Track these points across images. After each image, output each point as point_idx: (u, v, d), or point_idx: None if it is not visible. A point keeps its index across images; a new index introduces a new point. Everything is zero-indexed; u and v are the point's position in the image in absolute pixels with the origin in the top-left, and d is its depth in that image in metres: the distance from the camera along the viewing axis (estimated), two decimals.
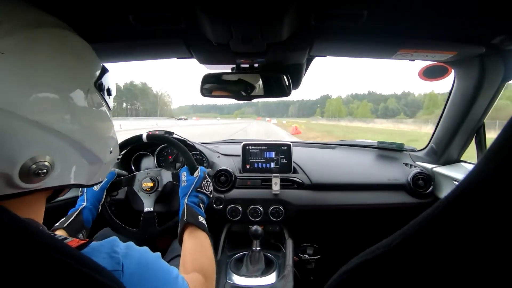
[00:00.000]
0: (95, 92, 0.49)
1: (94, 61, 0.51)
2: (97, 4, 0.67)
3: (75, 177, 0.46)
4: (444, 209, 0.23)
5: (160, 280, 0.45)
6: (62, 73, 0.42)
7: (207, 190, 0.92)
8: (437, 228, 0.23)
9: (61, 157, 0.42)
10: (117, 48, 0.92)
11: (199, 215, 0.83)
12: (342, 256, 0.72)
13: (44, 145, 0.39)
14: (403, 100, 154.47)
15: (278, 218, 1.29)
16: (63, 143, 0.42)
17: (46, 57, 0.40)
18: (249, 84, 1.09)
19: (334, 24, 0.77)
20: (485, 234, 0.20)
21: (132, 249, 0.43)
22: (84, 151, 0.46)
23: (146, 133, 1.10)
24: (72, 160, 0.45)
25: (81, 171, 0.47)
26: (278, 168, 1.39)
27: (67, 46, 0.45)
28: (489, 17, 0.74)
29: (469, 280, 0.21)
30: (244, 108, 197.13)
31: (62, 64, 0.42)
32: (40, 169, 0.38)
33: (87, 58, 0.49)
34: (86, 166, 0.48)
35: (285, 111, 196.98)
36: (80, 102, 0.44)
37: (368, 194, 1.33)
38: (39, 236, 0.30)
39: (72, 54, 0.45)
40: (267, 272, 1.10)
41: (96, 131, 0.49)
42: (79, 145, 0.45)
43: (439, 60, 1.04)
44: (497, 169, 0.20)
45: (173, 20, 0.73)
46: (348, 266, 0.29)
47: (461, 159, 1.31)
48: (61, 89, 0.41)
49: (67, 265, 0.30)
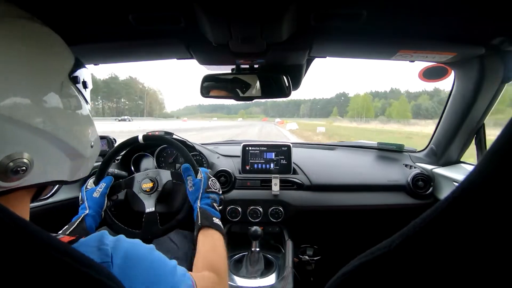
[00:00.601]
0: (70, 85, 0.47)
1: (66, 53, 0.49)
2: (96, 4, 0.67)
3: (57, 174, 0.46)
4: (444, 210, 0.22)
5: (153, 271, 0.44)
6: (31, 65, 0.40)
7: (215, 188, 0.91)
8: (437, 229, 0.23)
9: (40, 153, 0.41)
10: (117, 48, 0.92)
11: (214, 217, 0.82)
12: (342, 257, 0.72)
13: (21, 142, 0.38)
14: (436, 98, 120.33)
15: (278, 219, 1.29)
16: (41, 139, 0.41)
17: (12, 49, 0.38)
18: (248, 84, 1.09)
19: (333, 24, 0.77)
20: (486, 235, 0.20)
21: (121, 241, 0.43)
22: (64, 147, 0.45)
23: (142, 134, 1.09)
24: (52, 156, 0.44)
25: (62, 167, 0.47)
26: (278, 169, 1.39)
27: (34, 37, 0.43)
28: (488, 18, 0.74)
29: (470, 281, 0.21)
30: (252, 108, 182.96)
31: (31, 56, 0.41)
32: (19, 167, 0.38)
33: (58, 50, 0.47)
34: (68, 161, 0.47)
35: (296, 111, 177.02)
36: (54, 96, 0.43)
37: (368, 195, 1.32)
38: (37, 233, 0.30)
39: (41, 45, 0.44)
40: (266, 273, 1.09)
41: (75, 126, 0.48)
42: (58, 141, 0.44)
43: (439, 61, 1.04)
44: (497, 170, 0.20)
45: (173, 20, 0.73)
46: (348, 267, 0.29)
47: (461, 160, 1.31)
48: (32, 82, 0.40)
49: (65, 264, 0.30)
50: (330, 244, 1.53)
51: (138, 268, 0.42)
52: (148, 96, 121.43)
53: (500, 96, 1.04)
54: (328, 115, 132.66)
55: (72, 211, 1.21)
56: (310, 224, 1.44)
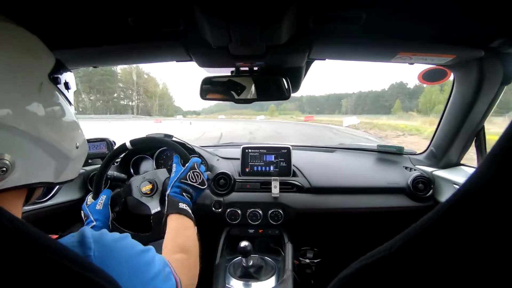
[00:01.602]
0: (50, 85, 0.47)
1: (45, 54, 0.48)
2: (96, 7, 0.67)
3: (41, 175, 0.45)
4: (446, 212, 0.22)
5: (132, 263, 0.44)
6: (7, 65, 0.40)
7: (193, 181, 0.90)
8: (439, 231, 0.23)
9: (22, 155, 0.40)
10: (116, 51, 0.92)
11: (180, 202, 0.82)
12: (342, 260, 0.72)
13: (1, 143, 0.38)
14: None
15: (278, 222, 1.29)
16: (21, 140, 0.40)
17: None
18: (248, 87, 1.09)
19: (333, 27, 0.77)
20: (488, 238, 0.20)
21: (103, 234, 0.43)
22: (46, 147, 0.44)
23: (130, 140, 1.08)
24: (34, 157, 0.43)
25: (46, 168, 0.46)
26: (278, 171, 1.38)
27: (9, 38, 0.42)
28: (487, 20, 0.74)
29: (471, 284, 0.21)
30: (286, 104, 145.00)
31: (9, 56, 0.41)
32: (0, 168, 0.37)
33: (36, 50, 0.47)
34: (52, 162, 0.46)
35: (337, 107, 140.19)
36: (33, 96, 0.43)
37: (368, 198, 1.32)
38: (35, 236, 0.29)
39: (17, 45, 0.43)
40: (266, 274, 1.09)
41: (58, 126, 0.47)
42: (39, 141, 0.43)
43: (438, 64, 1.04)
44: (498, 172, 0.19)
45: (172, 23, 0.73)
46: (349, 270, 0.29)
47: (461, 163, 1.31)
48: (9, 82, 0.39)
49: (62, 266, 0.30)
50: (330, 247, 1.53)
51: (118, 259, 0.43)
52: (141, 88, 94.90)
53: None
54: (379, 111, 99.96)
55: (71, 213, 1.21)
56: (310, 227, 1.44)
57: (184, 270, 0.61)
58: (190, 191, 0.88)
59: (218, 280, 1.07)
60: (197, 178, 0.91)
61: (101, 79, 77.43)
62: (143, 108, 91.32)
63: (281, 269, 1.12)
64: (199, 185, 0.91)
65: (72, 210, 1.30)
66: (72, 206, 1.25)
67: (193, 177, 0.90)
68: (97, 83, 76.57)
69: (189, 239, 0.74)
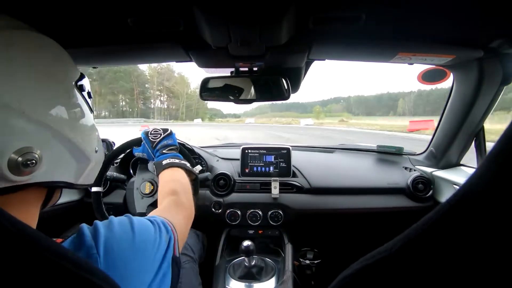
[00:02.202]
0: (76, 91, 0.51)
1: (72, 63, 0.53)
2: (96, 8, 0.67)
3: (64, 174, 0.47)
4: (446, 212, 0.22)
5: (137, 244, 0.44)
6: (45, 70, 0.44)
7: (156, 136, 0.94)
8: (439, 232, 0.22)
9: (49, 150, 0.42)
10: (116, 51, 0.92)
11: (163, 160, 0.85)
12: (342, 260, 0.71)
13: (32, 137, 0.40)
14: None
15: (278, 222, 1.29)
16: (51, 137, 0.43)
17: (28, 55, 0.42)
18: (248, 87, 1.09)
19: (332, 27, 0.77)
20: (488, 238, 0.20)
21: (98, 229, 0.43)
22: (71, 147, 0.47)
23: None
24: (60, 155, 0.46)
25: (69, 168, 0.48)
26: (278, 172, 1.38)
27: (45, 46, 0.47)
28: (487, 21, 0.74)
29: (472, 284, 0.21)
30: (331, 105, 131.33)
31: (44, 62, 0.45)
32: (29, 160, 0.39)
33: (65, 59, 0.51)
34: (74, 163, 0.49)
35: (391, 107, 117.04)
36: (64, 98, 0.46)
37: (367, 198, 1.32)
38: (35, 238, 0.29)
39: (51, 54, 0.48)
40: (266, 276, 1.09)
41: (81, 129, 0.50)
42: (67, 141, 0.46)
43: (437, 64, 1.04)
44: (499, 172, 0.19)
45: (172, 23, 0.73)
46: (349, 271, 0.29)
47: (460, 163, 1.31)
48: (46, 84, 0.43)
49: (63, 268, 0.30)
50: (331, 247, 1.52)
51: (120, 252, 0.42)
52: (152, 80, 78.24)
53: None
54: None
55: (70, 214, 1.21)
56: (310, 228, 1.43)
57: (177, 209, 0.66)
58: (164, 142, 0.92)
59: (218, 281, 1.07)
60: (156, 132, 0.95)
61: (114, 77, 67.84)
62: (170, 111, 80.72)
63: (281, 270, 1.12)
64: (163, 132, 0.95)
65: (72, 211, 1.30)
66: (71, 207, 1.25)
67: (155, 135, 0.94)
68: (109, 82, 67.43)
69: (177, 182, 0.78)
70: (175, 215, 0.61)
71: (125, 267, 0.41)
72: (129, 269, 0.41)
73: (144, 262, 0.44)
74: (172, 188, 0.74)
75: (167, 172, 0.82)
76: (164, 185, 0.78)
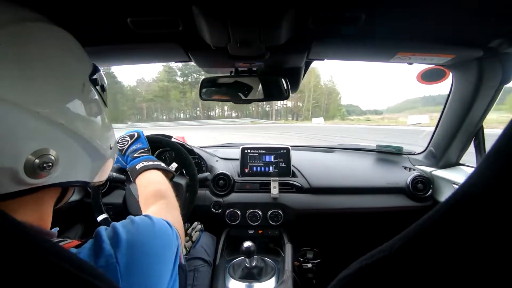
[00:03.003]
0: (90, 86, 0.49)
1: (86, 57, 0.51)
2: (95, 8, 0.67)
3: (80, 173, 0.46)
4: (445, 212, 0.22)
5: (155, 256, 0.43)
6: (58, 65, 0.42)
7: (122, 145, 0.93)
8: (438, 231, 0.22)
9: (65, 151, 0.41)
10: (115, 51, 0.92)
11: (136, 165, 0.84)
12: (342, 260, 0.72)
13: (47, 138, 0.39)
14: None
15: (277, 222, 1.29)
16: (66, 136, 0.41)
17: (43, 49, 0.40)
18: (247, 87, 1.09)
19: (332, 27, 0.77)
20: (487, 238, 0.20)
21: (118, 234, 0.41)
22: (87, 146, 0.46)
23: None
24: (76, 154, 0.44)
25: (85, 167, 0.47)
26: (277, 171, 1.38)
27: (60, 40, 0.45)
28: (486, 20, 0.74)
29: (471, 284, 0.21)
30: None
31: (58, 56, 0.43)
32: (45, 162, 0.38)
33: (79, 53, 0.49)
34: (89, 162, 0.48)
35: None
36: (77, 95, 0.44)
37: (367, 198, 1.32)
38: (37, 240, 0.29)
39: (66, 47, 0.46)
40: (266, 276, 1.09)
41: (96, 126, 0.49)
42: (82, 139, 0.44)
43: (437, 64, 1.04)
44: (498, 172, 0.19)
45: (171, 24, 0.73)
46: (349, 271, 0.29)
47: (460, 162, 1.31)
48: (59, 80, 0.41)
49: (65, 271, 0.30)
50: (330, 247, 1.53)
51: (142, 256, 0.41)
52: None
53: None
54: None
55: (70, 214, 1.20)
56: (309, 227, 1.43)
57: (173, 212, 0.65)
58: (133, 147, 0.92)
59: (218, 280, 1.07)
60: (123, 139, 0.95)
61: None
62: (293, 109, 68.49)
63: (281, 269, 1.12)
64: (130, 138, 0.94)
65: (72, 211, 1.30)
66: (71, 207, 1.25)
67: (121, 142, 0.94)
68: None
69: (160, 184, 0.76)
70: (176, 218, 0.60)
71: (147, 273, 0.40)
72: (150, 275, 0.40)
73: (164, 266, 0.44)
74: (157, 191, 0.72)
75: (144, 176, 0.81)
76: (144, 189, 0.75)
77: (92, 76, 0.50)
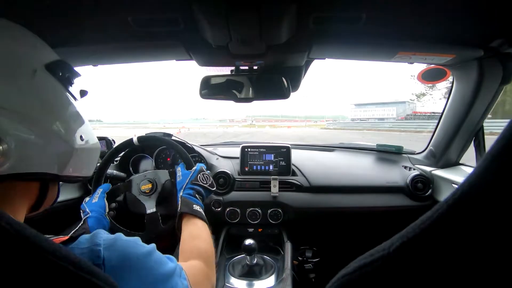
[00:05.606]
0: (45, 74, 0.47)
1: (43, 46, 0.50)
2: (96, 7, 0.67)
3: (43, 164, 0.44)
4: (444, 212, 0.22)
5: (150, 275, 0.42)
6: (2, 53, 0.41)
7: (204, 183, 0.91)
8: (437, 231, 0.23)
9: (15, 138, 0.39)
10: (116, 49, 0.92)
11: (194, 204, 0.83)
12: (341, 259, 0.72)
13: None
14: None
15: (277, 221, 1.29)
16: (14, 123, 0.39)
17: None
18: (248, 86, 1.09)
19: (333, 26, 0.77)
20: (486, 238, 0.20)
21: (118, 240, 0.41)
22: (45, 134, 0.44)
23: (137, 136, 1.09)
24: (31, 142, 0.42)
25: (46, 158, 0.45)
26: (277, 170, 1.38)
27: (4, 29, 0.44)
28: (487, 20, 0.74)
29: (470, 284, 0.21)
30: None
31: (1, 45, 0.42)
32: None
33: (24, 39, 0.47)
34: (51, 150, 0.45)
35: None
36: (25, 80, 0.43)
37: (367, 197, 1.32)
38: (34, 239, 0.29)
39: (13, 36, 0.45)
40: (265, 274, 1.09)
41: (54, 113, 0.47)
42: (34, 125, 0.42)
43: (437, 63, 1.04)
44: (498, 172, 0.19)
45: (172, 22, 0.73)
46: (347, 269, 0.29)
47: (460, 162, 1.31)
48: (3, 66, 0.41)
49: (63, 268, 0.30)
50: (330, 246, 1.53)
51: (134, 270, 0.41)
52: None
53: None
54: None
55: (70, 212, 1.21)
56: (309, 226, 1.44)
57: (200, 278, 0.59)
58: (202, 192, 0.90)
59: (217, 278, 1.07)
60: (207, 180, 0.93)
61: None
62: None
63: (281, 268, 1.12)
64: (209, 187, 0.93)
65: (71, 209, 1.30)
66: (71, 205, 1.25)
67: (203, 179, 0.92)
68: None
69: (207, 244, 0.72)
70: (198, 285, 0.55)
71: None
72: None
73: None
74: (203, 251, 0.69)
75: (196, 222, 0.78)
76: (193, 236, 0.73)
77: (52, 66, 0.48)
